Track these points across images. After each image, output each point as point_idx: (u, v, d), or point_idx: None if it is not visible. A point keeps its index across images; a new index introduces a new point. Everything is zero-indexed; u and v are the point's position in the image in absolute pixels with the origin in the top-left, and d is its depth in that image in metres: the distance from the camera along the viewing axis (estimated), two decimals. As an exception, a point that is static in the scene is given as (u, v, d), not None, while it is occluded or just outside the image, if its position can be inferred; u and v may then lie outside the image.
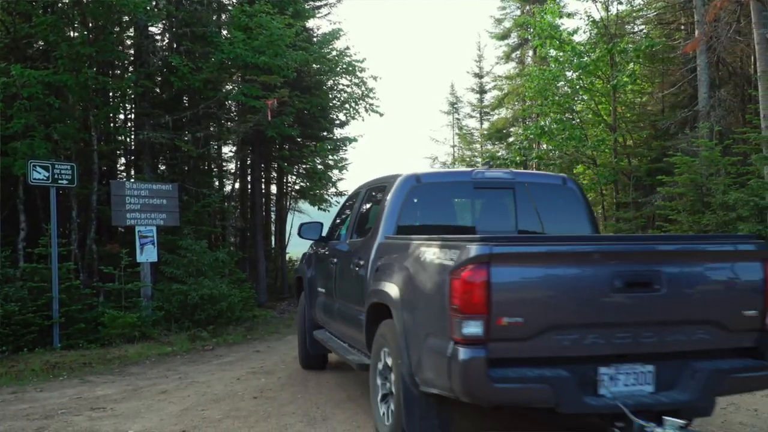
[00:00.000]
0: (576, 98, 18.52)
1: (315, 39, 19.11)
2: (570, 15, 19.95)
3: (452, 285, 4.05)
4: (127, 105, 15.29)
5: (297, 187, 22.79)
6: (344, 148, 21.45)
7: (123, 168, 16.56)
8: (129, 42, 14.63)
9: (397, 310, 4.88)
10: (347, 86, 19.80)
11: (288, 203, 23.21)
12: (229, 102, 16.26)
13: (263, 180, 20.75)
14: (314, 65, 17.57)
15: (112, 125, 15.06)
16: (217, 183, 18.82)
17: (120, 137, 15.21)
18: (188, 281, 12.00)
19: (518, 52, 29.20)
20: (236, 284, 13.60)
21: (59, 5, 12.67)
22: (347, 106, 20.03)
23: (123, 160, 16.59)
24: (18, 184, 12.10)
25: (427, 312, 4.47)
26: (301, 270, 8.86)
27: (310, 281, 8.20)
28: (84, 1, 12.06)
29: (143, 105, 14.04)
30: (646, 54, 17.08)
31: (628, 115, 18.83)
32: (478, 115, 34.02)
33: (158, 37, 15.12)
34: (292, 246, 23.88)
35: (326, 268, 7.43)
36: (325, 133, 20.16)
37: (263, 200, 20.98)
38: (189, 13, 13.60)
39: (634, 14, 20.11)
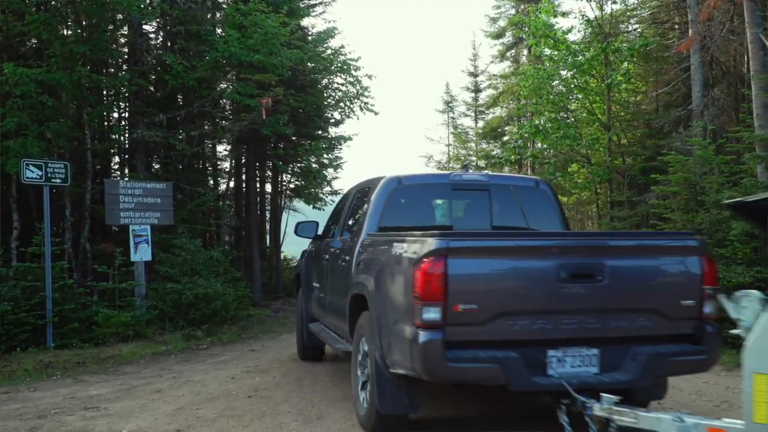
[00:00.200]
0: (570, 97, 18.52)
1: (310, 37, 19.11)
2: (564, 14, 19.92)
3: (415, 276, 4.51)
4: (121, 103, 15.24)
5: (292, 186, 22.80)
6: (339, 147, 21.50)
7: (117, 167, 16.53)
8: (123, 40, 14.57)
9: (372, 300, 5.37)
10: (342, 85, 19.84)
11: (283, 202, 23.21)
12: (224, 100, 16.24)
13: (258, 179, 20.73)
14: (309, 64, 17.56)
15: (106, 124, 15.01)
16: (212, 182, 18.81)
17: (114, 136, 15.17)
18: (183, 280, 11.97)
19: (513, 51, 29.19)
20: (231, 283, 13.57)
21: (52, 3, 12.62)
22: (342, 105, 20.05)
23: (117, 159, 16.56)
24: (11, 183, 12.04)
25: (396, 301, 4.94)
26: (300, 267, 9.37)
27: (307, 277, 8.68)
28: (77, -1, 12.03)
29: (137, 103, 13.99)
30: (640, 53, 17.08)
31: (623, 114, 18.85)
32: (473, 114, 33.99)
33: (152, 36, 15.08)
34: (287, 245, 23.86)
35: (320, 265, 7.88)
36: (320, 132, 20.16)
37: (258, 199, 20.95)
38: (183, 11, 13.56)
39: (629, 13, 20.13)
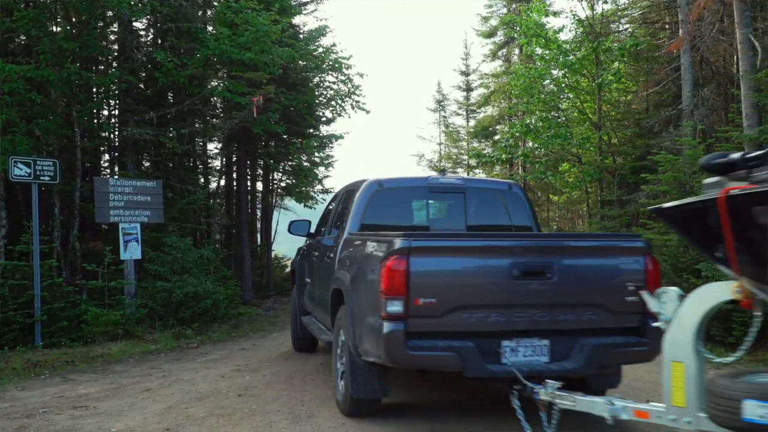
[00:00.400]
0: (561, 96, 18.62)
1: (301, 36, 19.07)
2: (556, 14, 19.99)
3: (381, 272, 4.96)
4: (111, 101, 15.13)
5: (283, 185, 22.76)
6: (330, 146, 21.48)
7: (107, 164, 16.43)
8: (113, 37, 14.46)
9: (347, 294, 5.87)
10: (333, 83, 19.79)
11: (274, 200, 23.16)
12: (215, 98, 16.15)
13: (249, 177, 20.69)
14: (300, 62, 17.51)
15: (96, 121, 14.91)
16: (203, 180, 18.73)
17: (104, 133, 15.09)
18: (172, 279, 11.91)
19: (504, 50, 29.23)
20: (221, 282, 13.52)
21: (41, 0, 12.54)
22: (333, 103, 20.01)
23: (107, 157, 16.47)
24: (-1, 181, 11.96)
25: (366, 295, 5.38)
26: (295, 263, 9.98)
27: (300, 272, 9.22)
28: (67, -4, 11.95)
29: (127, 101, 13.91)
30: (631, 53, 17.18)
31: (613, 114, 18.95)
32: (465, 113, 34.02)
33: (142, 33, 15.00)
34: (278, 243, 23.84)
35: (311, 261, 8.41)
36: (312, 131, 20.13)
37: (249, 197, 20.91)
38: (174, 9, 13.48)
39: (619, 13, 20.23)
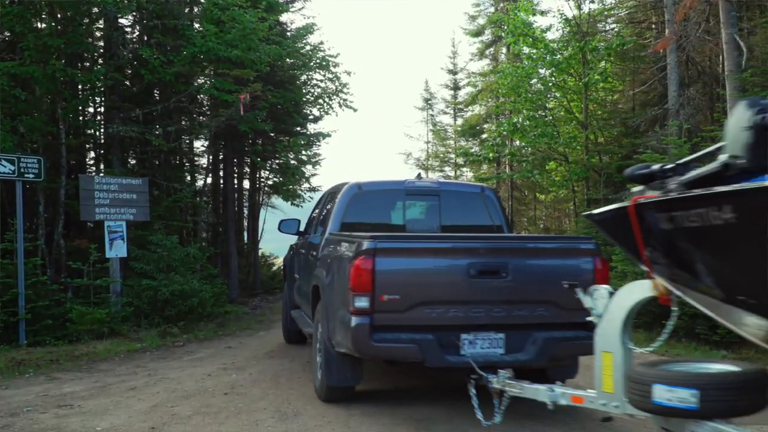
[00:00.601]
0: (548, 95, 18.64)
1: (289, 33, 19.03)
2: (543, 13, 20.05)
3: (350, 270, 5.39)
4: (97, 98, 15.05)
5: (270, 183, 22.70)
6: (318, 144, 21.45)
7: (92, 162, 16.31)
8: (98, 34, 14.35)
9: (323, 290, 6.36)
10: (321, 81, 19.76)
11: (261, 198, 23.10)
12: (201, 96, 16.08)
13: (236, 175, 20.59)
14: (288, 60, 17.47)
15: (81, 118, 14.82)
16: (189, 178, 18.65)
17: (89, 131, 14.99)
18: (158, 277, 11.86)
19: (492, 49, 29.28)
20: (208, 280, 13.47)
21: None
22: (321, 101, 19.99)
23: (92, 154, 16.34)
24: (-17, 178, 11.86)
25: (338, 291, 5.81)
26: (286, 260, 10.45)
27: (290, 269, 9.77)
28: (52, -8, 11.86)
29: (113, 98, 13.83)
30: (618, 52, 17.23)
31: (600, 113, 18.99)
32: (452, 112, 34.08)
33: (128, 30, 14.87)
34: (265, 242, 23.78)
35: (300, 258, 8.90)
36: (299, 128, 20.08)
37: (236, 195, 20.81)
38: (160, 6, 13.40)
39: (606, 13, 20.27)
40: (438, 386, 7.00)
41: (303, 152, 20.75)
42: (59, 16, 12.48)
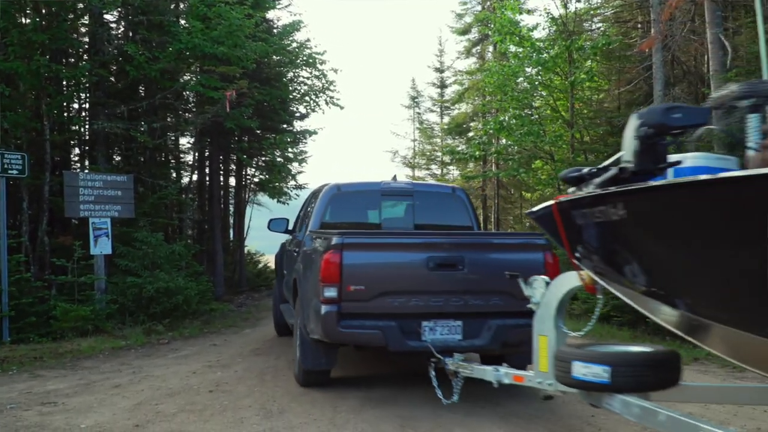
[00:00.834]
0: (535, 94, 18.70)
1: (275, 30, 18.96)
2: (530, 11, 20.10)
3: (320, 263, 5.94)
4: (82, 94, 14.91)
5: (256, 180, 22.63)
6: (304, 141, 21.44)
7: (77, 158, 16.16)
8: (83, 30, 14.24)
9: (300, 282, 7.04)
10: (307, 78, 19.74)
11: (247, 196, 23.03)
12: (187, 92, 16.01)
13: (222, 172, 20.55)
14: (274, 57, 17.43)
15: (66, 114, 14.69)
16: (175, 175, 18.56)
17: (74, 127, 14.85)
18: (143, 274, 11.82)
19: (479, 48, 29.33)
20: (193, 277, 13.43)
21: (10, -10, 12.32)
22: (307, 99, 19.97)
23: (77, 151, 16.18)
24: (-35, 174, 11.74)
25: (311, 282, 6.33)
26: (278, 256, 10.92)
27: (280, 265, 10.33)
28: (36, -13, 11.77)
29: (98, 94, 13.73)
30: (603, 51, 17.30)
31: (585, 112, 19.07)
32: (439, 110, 34.12)
33: (113, 25, 14.76)
34: (251, 239, 23.72)
35: (287, 255, 9.39)
36: (285, 126, 20.05)
37: (221, 193, 20.77)
38: (145, 1, 13.30)
39: (592, 12, 20.35)
40: (426, 379, 7.01)
41: (289, 150, 20.72)
42: (44, 12, 12.38)
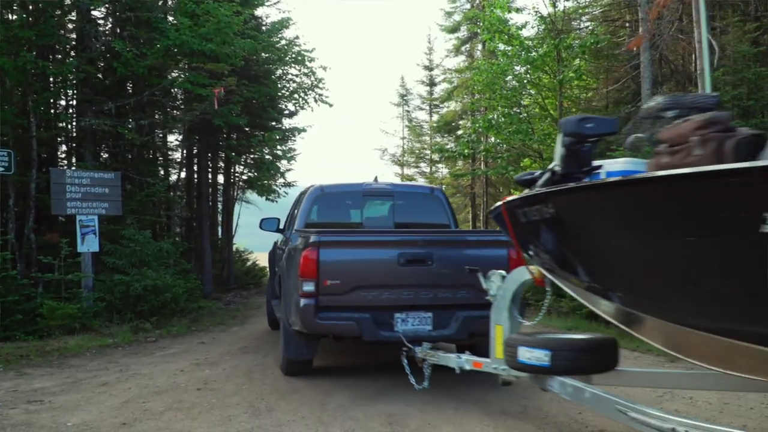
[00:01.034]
0: (523, 92, 18.73)
1: (264, 27, 18.91)
2: (518, 10, 20.12)
3: (299, 260, 6.37)
4: (69, 91, 14.82)
5: (245, 178, 22.56)
6: (293, 139, 21.36)
7: (64, 155, 16.06)
8: (70, 26, 14.16)
9: (283, 278, 7.49)
10: (296, 76, 19.67)
11: (235, 193, 22.96)
12: (175, 89, 15.94)
13: (210, 170, 20.46)
14: (263, 54, 17.38)
15: (53, 111, 14.59)
16: (162, 172, 18.47)
17: (61, 124, 14.76)
18: (131, 272, 11.76)
19: (468, 46, 29.34)
20: (181, 275, 13.38)
21: (-4, -14, 12.22)
22: (296, 96, 19.90)
23: (64, 148, 16.09)
24: (-49, 171, 11.63)
25: (292, 278, 6.73)
26: (270, 254, 11.19)
27: (272, 262, 10.69)
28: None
29: (85, 91, 13.64)
30: (592, 50, 17.35)
31: (574, 110, 19.12)
32: (428, 108, 34.09)
33: (101, 22, 14.67)
34: (240, 237, 23.64)
35: (277, 252, 9.72)
36: (274, 123, 19.99)
37: (210, 190, 20.69)
38: (133, -3, 13.25)
39: (581, 11, 20.42)
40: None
41: (278, 147, 20.65)
42: (30, 8, 12.29)
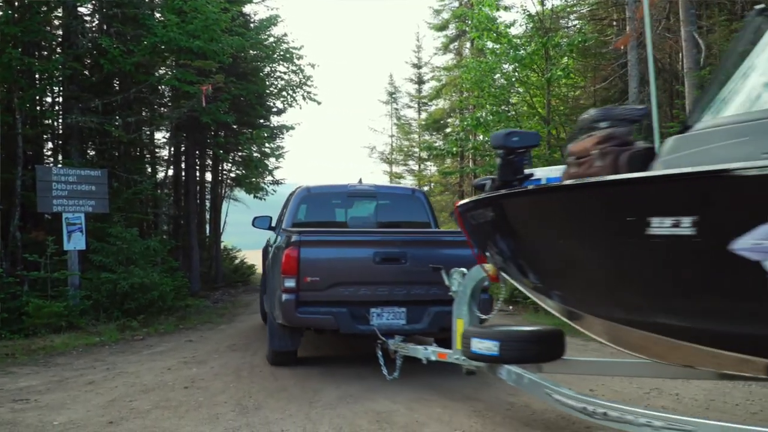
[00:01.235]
0: (512, 90, 18.79)
1: (252, 25, 18.86)
2: (507, 8, 20.19)
3: (282, 257, 6.77)
4: (55, 87, 14.69)
5: (233, 175, 22.51)
6: (281, 136, 21.36)
7: (50, 153, 15.93)
8: (57, 22, 14.05)
9: (268, 274, 8.04)
10: (285, 73, 19.61)
11: (223, 191, 22.91)
12: (163, 87, 15.85)
13: (198, 167, 20.37)
14: (251, 51, 17.33)
15: (39, 108, 14.46)
16: (150, 169, 18.37)
17: (47, 121, 14.64)
18: (118, 270, 11.71)
19: (456, 44, 29.41)
20: (168, 273, 13.34)
21: (-19, -18, 12.11)
22: (284, 94, 19.85)
23: (50, 145, 15.96)
24: (-65, 168, 11.54)
25: (276, 274, 7.11)
26: (264, 251, 11.44)
27: (264, 258, 10.68)
28: (8, -22, 11.57)
29: (71, 88, 13.54)
30: (579, 49, 17.42)
31: (562, 108, 19.21)
32: (417, 106, 34.16)
33: (87, 18, 14.58)
34: (228, 235, 23.58)
35: (269, 249, 9.74)
36: (262, 121, 19.95)
37: (197, 188, 20.60)
38: (120, -6, 13.16)
39: (569, 9, 20.52)
40: (403, 375, 7.05)
41: (266, 145, 20.62)
42: (16, 4, 12.17)
